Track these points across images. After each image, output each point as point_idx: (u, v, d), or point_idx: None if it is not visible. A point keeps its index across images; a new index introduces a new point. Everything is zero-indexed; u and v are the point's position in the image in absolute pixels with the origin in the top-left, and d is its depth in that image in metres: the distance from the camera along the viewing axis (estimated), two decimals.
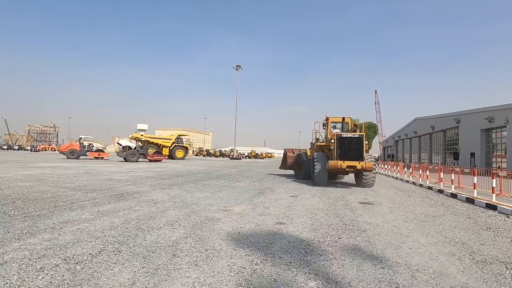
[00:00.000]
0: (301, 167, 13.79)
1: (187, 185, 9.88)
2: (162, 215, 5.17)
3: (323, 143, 12.32)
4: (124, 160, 26.11)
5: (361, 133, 10.98)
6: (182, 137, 40.84)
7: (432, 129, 34.59)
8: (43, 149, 63.79)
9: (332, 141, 11.06)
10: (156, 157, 27.18)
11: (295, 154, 15.59)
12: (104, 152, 28.56)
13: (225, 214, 5.48)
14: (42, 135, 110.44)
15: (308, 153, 13.21)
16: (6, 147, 60.67)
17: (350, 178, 14.14)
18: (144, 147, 28.35)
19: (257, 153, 66.43)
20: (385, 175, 20.22)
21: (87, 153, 27.62)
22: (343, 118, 12.78)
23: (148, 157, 26.86)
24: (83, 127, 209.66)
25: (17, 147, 61.74)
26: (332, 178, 13.42)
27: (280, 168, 17.28)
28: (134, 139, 34.36)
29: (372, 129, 31.91)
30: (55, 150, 63.55)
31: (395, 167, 19.87)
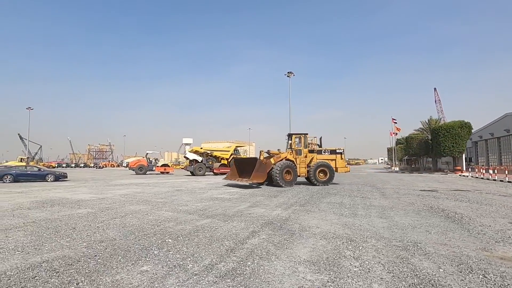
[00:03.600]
0: (293, 175, 13.47)
1: (320, 205, 7.72)
2: (436, 278, 2.95)
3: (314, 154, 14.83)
4: (191, 174, 25.29)
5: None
6: (239, 148, 39.82)
7: None
8: (105, 166, 68.16)
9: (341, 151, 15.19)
10: (222, 170, 25.97)
11: (272, 162, 13.39)
12: (169, 166, 28.27)
13: None
14: (100, 153, 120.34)
15: (296, 161, 14.19)
16: (74, 165, 66.14)
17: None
18: (208, 160, 27.42)
19: None
20: None
21: (154, 168, 27.49)
22: (318, 138, 15.87)
23: (214, 170, 25.78)
24: (134, 143, 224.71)
25: (83, 165, 66.99)
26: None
27: (254, 183, 13.09)
28: (194, 152, 33.88)
29: (465, 129, 26.74)
30: (114, 166, 67.50)
31: None
